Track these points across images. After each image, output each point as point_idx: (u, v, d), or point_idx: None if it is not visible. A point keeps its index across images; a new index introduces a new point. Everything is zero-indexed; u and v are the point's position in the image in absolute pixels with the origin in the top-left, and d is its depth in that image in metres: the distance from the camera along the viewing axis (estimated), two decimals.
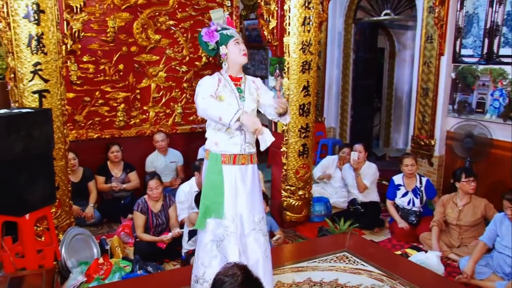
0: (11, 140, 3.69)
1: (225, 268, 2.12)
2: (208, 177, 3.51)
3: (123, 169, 6.18)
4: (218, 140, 3.49)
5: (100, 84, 6.07)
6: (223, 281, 2.03)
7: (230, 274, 2.04)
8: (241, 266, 2.11)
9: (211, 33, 3.38)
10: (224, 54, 3.43)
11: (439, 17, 6.27)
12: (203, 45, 3.48)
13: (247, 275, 2.06)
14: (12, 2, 4.01)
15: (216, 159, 3.49)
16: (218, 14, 3.48)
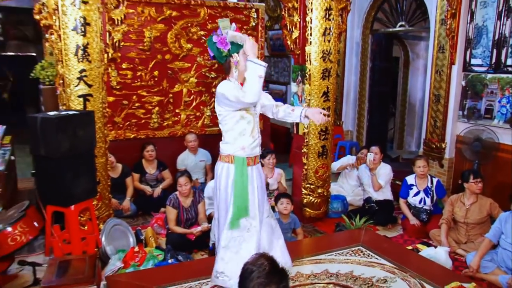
0: (59, 139, 3.79)
1: (253, 258, 2.13)
2: (237, 181, 3.53)
3: (156, 167, 6.24)
4: (244, 144, 3.53)
5: (137, 89, 6.13)
6: (251, 270, 2.04)
7: (258, 264, 2.05)
8: (267, 257, 2.11)
9: (224, 41, 3.41)
10: (237, 61, 3.46)
11: (451, 29, 6.22)
12: (215, 52, 3.48)
13: (274, 265, 2.07)
14: (63, 16, 4.15)
15: (242, 162, 3.53)
16: (226, 23, 3.49)
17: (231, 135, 3.54)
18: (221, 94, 3.45)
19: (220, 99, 3.49)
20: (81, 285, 3.40)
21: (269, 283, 2.00)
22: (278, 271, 2.08)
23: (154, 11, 6.00)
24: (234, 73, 3.53)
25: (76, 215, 4.12)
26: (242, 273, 2.10)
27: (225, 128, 3.57)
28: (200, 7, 6.30)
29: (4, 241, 3.77)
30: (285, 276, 2.09)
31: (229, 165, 3.56)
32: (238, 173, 3.54)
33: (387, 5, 8.18)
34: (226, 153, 3.57)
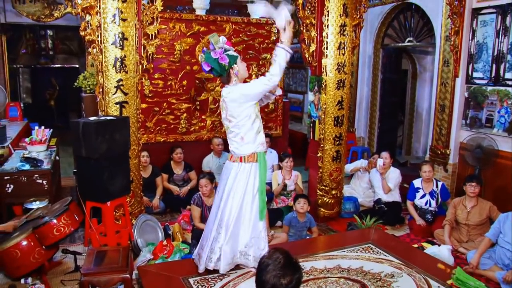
0: (98, 141, 3.84)
1: (269, 252, 2.13)
2: (261, 176, 3.59)
3: (183, 168, 6.27)
4: (262, 140, 3.62)
5: (167, 96, 6.18)
6: (267, 264, 2.04)
7: (273, 258, 2.05)
8: (282, 251, 2.11)
9: (222, 56, 3.43)
10: (237, 71, 3.51)
11: (454, 44, 6.17)
12: (217, 66, 3.46)
13: (288, 259, 2.06)
14: (104, 32, 4.23)
15: (264, 157, 3.61)
16: (215, 38, 3.48)
17: (250, 135, 3.55)
18: (242, 94, 3.47)
19: (239, 101, 3.49)
20: (116, 273, 3.43)
21: (283, 275, 2.01)
22: (292, 264, 2.07)
23: (184, 26, 6.07)
24: (234, 81, 3.56)
25: (111, 210, 4.16)
26: (259, 266, 2.10)
27: (243, 130, 3.55)
28: (225, 23, 6.34)
29: (51, 232, 3.84)
30: (299, 268, 2.09)
31: (254, 164, 3.59)
32: (262, 168, 3.60)
33: (396, 22, 8.13)
34: (249, 152, 3.58)
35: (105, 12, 4.20)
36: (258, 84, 3.49)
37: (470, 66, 6.19)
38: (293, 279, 2.02)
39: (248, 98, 3.49)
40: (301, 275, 2.09)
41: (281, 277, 2.00)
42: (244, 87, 3.52)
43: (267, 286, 2.01)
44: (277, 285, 1.99)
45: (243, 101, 3.50)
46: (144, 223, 4.72)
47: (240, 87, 3.53)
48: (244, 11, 6.99)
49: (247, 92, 3.48)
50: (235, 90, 3.52)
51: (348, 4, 5.21)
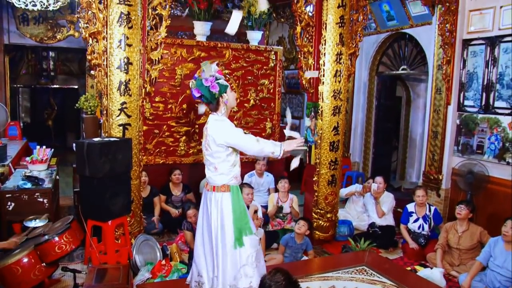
0: (101, 161, 3.96)
1: (270, 273, 2.26)
2: (235, 206, 3.56)
3: (182, 190, 6.36)
4: (236, 174, 3.62)
5: (167, 119, 6.30)
6: (269, 285, 2.17)
7: (275, 279, 2.18)
8: (283, 272, 2.24)
9: (213, 84, 3.49)
10: (226, 100, 3.58)
11: (446, 73, 6.37)
12: (208, 94, 3.51)
13: (289, 280, 2.20)
14: (110, 57, 4.40)
15: (237, 190, 3.62)
16: (207, 67, 3.54)
17: (225, 167, 3.56)
18: (224, 134, 3.50)
19: (219, 136, 3.52)
20: None
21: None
22: (293, 284, 2.21)
23: (185, 52, 6.26)
24: (223, 110, 3.62)
25: (112, 229, 4.25)
26: (261, 286, 2.24)
27: (217, 161, 3.57)
28: (225, 49, 6.53)
29: (52, 249, 3.94)
30: (298, 287, 2.22)
31: (226, 193, 3.58)
32: (235, 199, 3.58)
33: (390, 51, 8.35)
34: (221, 183, 3.58)
35: (111, 38, 4.39)
36: (247, 141, 3.51)
37: (461, 94, 6.38)
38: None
39: (223, 140, 3.52)
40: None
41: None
42: (232, 135, 3.51)
43: None
44: None
45: (220, 142, 3.53)
46: (143, 243, 4.81)
47: (227, 131, 3.53)
48: (243, 38, 7.20)
49: (236, 141, 3.51)
50: (220, 130, 3.53)
51: (344, 33, 5.41)
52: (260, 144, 3.49)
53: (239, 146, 3.53)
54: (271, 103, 6.97)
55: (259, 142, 3.50)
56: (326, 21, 5.38)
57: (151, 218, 5.96)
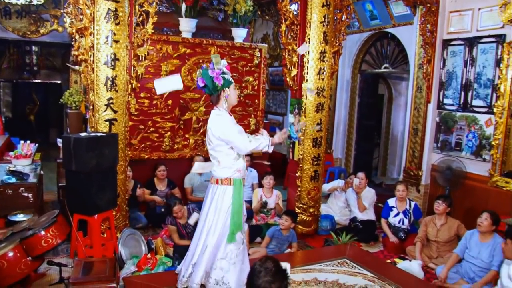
0: (88, 156, 4.00)
1: (260, 260, 2.36)
2: (235, 200, 3.64)
3: (167, 185, 6.40)
4: (239, 167, 3.69)
5: (152, 115, 6.32)
6: (259, 270, 2.27)
7: (265, 266, 2.28)
8: (273, 259, 2.35)
9: (218, 76, 3.55)
10: (227, 95, 3.64)
11: (427, 72, 6.54)
12: (211, 84, 3.57)
13: (278, 267, 2.31)
14: (97, 53, 4.44)
15: (240, 184, 3.67)
16: (217, 59, 3.60)
17: (227, 160, 3.64)
18: (224, 127, 3.59)
19: (217, 131, 3.61)
20: (103, 283, 3.56)
21: (274, 281, 2.24)
22: (281, 271, 2.31)
23: (171, 48, 6.27)
24: (224, 105, 3.67)
25: (98, 223, 4.30)
26: (251, 272, 2.33)
27: (219, 154, 3.66)
28: (211, 46, 6.57)
29: (39, 243, 3.95)
30: (286, 276, 2.33)
31: (228, 187, 3.66)
32: (236, 193, 3.65)
33: (373, 50, 8.50)
34: (224, 176, 3.66)
35: (98, 34, 4.43)
36: (241, 139, 3.60)
37: (441, 93, 6.56)
38: (281, 285, 2.27)
39: (219, 134, 3.62)
40: (288, 282, 2.33)
41: (272, 283, 2.24)
42: (227, 131, 3.60)
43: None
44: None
45: (218, 135, 3.63)
46: (128, 236, 4.85)
47: (224, 126, 3.61)
48: (229, 35, 7.26)
49: (229, 138, 3.60)
50: (217, 124, 3.62)
51: (328, 32, 5.52)
52: (252, 144, 3.57)
53: (231, 144, 3.61)
54: (255, 100, 7.05)
55: (251, 143, 3.57)
56: (310, 20, 5.48)
57: (137, 212, 5.98)
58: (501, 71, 5.65)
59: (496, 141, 5.74)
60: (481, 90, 5.99)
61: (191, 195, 6.51)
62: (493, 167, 5.80)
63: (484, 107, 5.96)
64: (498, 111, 5.70)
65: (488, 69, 5.90)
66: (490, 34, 5.85)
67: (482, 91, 5.98)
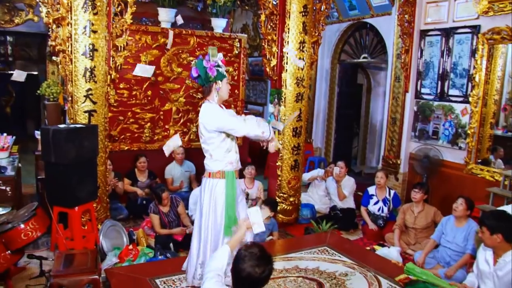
0: (67, 148, 3.96)
1: (246, 245, 2.42)
2: (228, 193, 3.62)
3: (147, 176, 6.38)
4: (231, 159, 3.66)
5: (132, 106, 6.29)
6: (245, 255, 2.32)
7: (250, 250, 2.34)
8: (258, 245, 2.42)
9: (212, 68, 3.54)
10: (219, 88, 3.61)
11: (405, 62, 6.63)
12: (204, 75, 3.56)
13: (263, 252, 2.36)
14: (75, 43, 4.37)
15: (233, 176, 3.65)
16: (214, 51, 3.61)
17: (219, 153, 3.62)
18: (215, 116, 3.55)
19: (209, 122, 3.58)
20: (85, 275, 3.54)
21: (258, 265, 2.30)
22: (266, 256, 2.36)
23: (150, 38, 6.23)
24: (215, 97, 3.64)
25: (79, 215, 4.27)
26: (236, 257, 2.37)
27: (211, 147, 3.63)
28: (190, 36, 6.54)
29: (18, 236, 3.88)
30: (271, 261, 2.38)
31: (221, 180, 3.65)
32: (229, 186, 3.64)
33: (352, 40, 8.55)
34: (216, 169, 3.64)
35: (76, 24, 4.37)
36: (234, 123, 3.55)
37: (418, 83, 6.65)
38: (266, 269, 2.32)
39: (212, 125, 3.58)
40: (273, 267, 2.39)
41: (256, 267, 2.29)
42: (218, 118, 3.56)
43: (243, 273, 2.30)
44: (252, 273, 2.29)
45: (211, 126, 3.59)
46: (109, 228, 4.83)
47: (214, 115, 3.57)
48: (208, 25, 7.23)
49: (223, 124, 3.55)
50: (208, 116, 3.58)
51: (307, 22, 5.54)
52: (247, 125, 3.54)
53: (226, 128, 3.56)
54: (235, 90, 7.05)
55: (246, 122, 3.55)
56: (289, 10, 5.50)
57: (118, 204, 5.97)
58: (476, 61, 5.77)
59: (472, 130, 5.87)
60: (457, 80, 6.10)
61: (171, 186, 6.49)
62: (469, 155, 5.94)
63: (460, 97, 6.08)
64: (473, 100, 5.82)
65: (464, 59, 6.01)
66: (465, 25, 5.96)
67: (458, 81, 6.09)
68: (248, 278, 2.29)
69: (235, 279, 2.36)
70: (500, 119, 6.12)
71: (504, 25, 5.44)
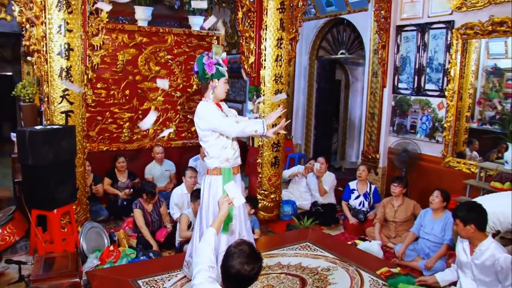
0: (44, 150, 3.90)
1: (236, 242, 2.42)
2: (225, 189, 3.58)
3: (127, 176, 6.32)
4: (228, 156, 3.63)
5: (110, 106, 6.23)
6: (234, 252, 2.32)
7: (239, 248, 2.34)
8: (248, 242, 2.41)
9: (211, 65, 3.51)
10: (214, 86, 3.57)
11: (382, 57, 6.68)
12: (201, 71, 3.55)
13: (252, 249, 2.36)
14: (50, 43, 4.30)
15: (229, 172, 3.64)
16: (219, 50, 3.58)
17: (214, 150, 3.61)
18: (208, 116, 3.53)
19: (202, 121, 3.57)
20: (65, 278, 3.51)
21: (247, 263, 2.30)
22: (255, 254, 2.37)
23: (126, 37, 6.18)
24: (211, 95, 3.61)
25: (58, 218, 4.21)
26: (226, 254, 2.37)
27: (206, 145, 3.63)
28: (167, 34, 6.50)
29: None
30: (260, 259, 2.39)
31: (218, 177, 3.65)
32: (225, 183, 3.54)
33: (330, 36, 8.61)
34: (213, 166, 3.64)
35: (50, 23, 4.29)
36: (223, 126, 3.52)
37: (395, 78, 6.72)
38: (255, 267, 2.33)
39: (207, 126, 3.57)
40: (262, 264, 2.39)
41: (245, 264, 2.29)
42: (214, 119, 3.54)
43: (232, 270, 2.29)
44: (241, 271, 2.28)
45: (202, 122, 3.58)
46: (89, 230, 4.77)
47: (208, 110, 3.56)
48: (185, 22, 7.19)
49: (211, 123, 3.53)
50: (201, 115, 3.57)
51: (284, 19, 5.55)
52: (239, 125, 3.51)
53: (219, 130, 3.55)
54: None
55: (239, 124, 3.52)
56: (267, 7, 5.50)
57: (98, 205, 5.90)
58: (451, 56, 5.86)
59: (448, 123, 5.97)
60: (433, 74, 6.19)
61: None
62: (446, 148, 6.04)
63: (436, 91, 6.17)
64: (449, 94, 5.92)
65: (439, 54, 6.10)
66: (440, 20, 6.03)
67: (434, 75, 6.18)
68: (237, 275, 2.29)
69: (224, 276, 2.37)
70: (475, 112, 6.25)
71: (476, 20, 5.53)
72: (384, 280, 3.99)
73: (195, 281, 2.45)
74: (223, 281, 2.39)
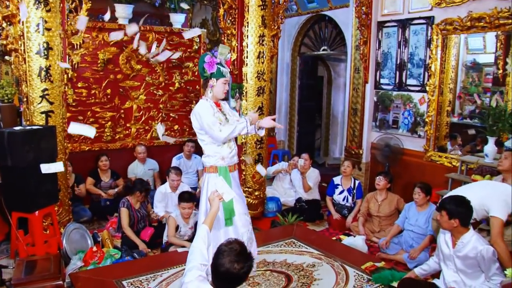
0: (24, 151, 3.84)
1: (227, 241, 2.42)
2: None
3: (110, 176, 6.25)
4: (223, 155, 3.67)
5: (91, 105, 6.14)
6: (224, 250, 2.33)
7: (230, 246, 2.34)
8: (239, 242, 2.41)
9: (212, 64, 3.53)
10: (212, 85, 3.60)
11: (364, 53, 6.72)
12: (201, 68, 3.60)
13: (242, 248, 2.36)
14: (28, 42, 4.20)
15: (225, 171, 3.67)
16: (225, 50, 3.62)
17: (210, 148, 3.65)
18: (199, 118, 3.56)
19: (195, 121, 3.62)
20: (48, 281, 3.47)
21: (237, 261, 2.29)
22: (246, 253, 2.37)
23: (107, 35, 6.06)
24: (209, 94, 3.64)
25: (40, 220, 4.14)
26: (217, 252, 2.37)
27: (203, 143, 3.68)
28: (148, 32, 6.43)
29: None
30: (251, 258, 2.38)
31: (214, 174, 3.66)
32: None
33: (312, 32, 8.62)
34: (209, 164, 3.68)
35: (28, 21, 4.19)
36: (210, 125, 3.54)
37: (377, 73, 6.76)
38: (244, 266, 2.32)
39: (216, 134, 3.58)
40: (252, 264, 2.39)
41: (235, 263, 2.29)
42: (205, 116, 3.55)
43: (222, 269, 2.29)
44: (231, 269, 2.28)
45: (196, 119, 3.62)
46: (72, 231, 4.70)
47: (203, 110, 3.57)
48: (166, 20, 7.12)
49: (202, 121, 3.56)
50: (201, 110, 3.58)
51: (266, 16, 5.53)
52: (223, 133, 3.54)
53: (209, 134, 3.60)
54: (196, 86, 6.99)
55: (223, 132, 3.53)
56: (248, 4, 5.48)
57: (81, 206, 5.82)
58: (431, 51, 5.92)
59: (429, 118, 6.03)
60: (414, 69, 6.24)
61: None
62: (428, 143, 6.10)
63: (417, 86, 6.22)
64: (430, 89, 5.98)
65: (420, 49, 6.15)
66: (420, 16, 6.09)
67: (415, 71, 6.23)
68: (227, 273, 2.29)
69: (214, 274, 2.36)
70: (456, 107, 6.33)
71: (456, 16, 5.60)
72: (369, 275, 4.03)
73: (185, 279, 2.45)
74: (213, 280, 2.39)
